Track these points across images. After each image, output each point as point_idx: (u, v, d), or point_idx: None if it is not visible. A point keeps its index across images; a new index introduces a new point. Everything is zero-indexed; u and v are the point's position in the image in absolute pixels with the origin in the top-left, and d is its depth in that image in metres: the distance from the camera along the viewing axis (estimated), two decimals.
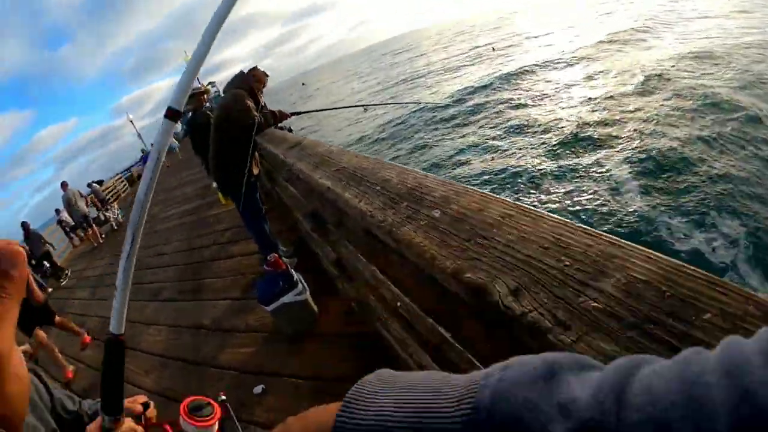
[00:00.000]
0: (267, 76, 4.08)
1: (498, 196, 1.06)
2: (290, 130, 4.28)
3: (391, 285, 1.50)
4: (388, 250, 1.17)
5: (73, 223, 13.64)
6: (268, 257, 3.20)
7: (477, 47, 39.65)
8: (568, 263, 0.79)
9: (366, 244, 1.36)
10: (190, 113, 5.19)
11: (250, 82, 3.95)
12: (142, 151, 15.48)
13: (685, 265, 0.70)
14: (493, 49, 34.28)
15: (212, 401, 1.00)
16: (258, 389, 2.83)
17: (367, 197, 1.35)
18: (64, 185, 13.09)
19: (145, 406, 1.02)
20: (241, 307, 4.06)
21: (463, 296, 0.89)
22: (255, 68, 4.05)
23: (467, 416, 0.33)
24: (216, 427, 0.97)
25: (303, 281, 3.26)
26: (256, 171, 4.05)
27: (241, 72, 4.03)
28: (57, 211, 13.98)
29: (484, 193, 1.09)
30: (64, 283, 10.60)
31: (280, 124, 4.13)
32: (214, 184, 4.22)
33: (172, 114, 0.73)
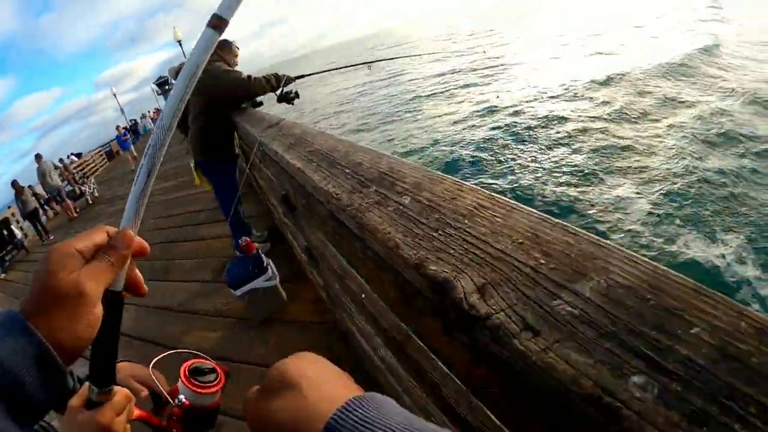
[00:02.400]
0: (238, 49, 3.99)
1: (472, 185, 0.97)
2: (297, 95, 4.14)
3: (356, 274, 1.43)
4: (353, 237, 1.08)
5: (47, 196, 13.39)
6: (240, 241, 3.12)
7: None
8: (543, 261, 0.71)
9: (333, 230, 1.28)
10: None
11: (227, 56, 3.84)
12: (117, 128, 14.92)
13: (671, 271, 0.61)
14: (485, 52, 34.67)
15: (217, 366, 0.90)
16: None
17: (336, 180, 1.26)
18: (38, 157, 12.93)
19: None
20: (210, 290, 4.00)
21: (424, 290, 0.81)
22: (226, 41, 3.93)
23: None
24: (219, 395, 0.86)
25: (273, 267, 3.21)
26: (237, 150, 3.95)
27: (219, 42, 3.90)
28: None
29: (458, 181, 1.01)
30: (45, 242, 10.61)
31: (286, 89, 4.00)
32: (191, 163, 4.08)
33: (218, 23, 0.61)
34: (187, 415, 0.81)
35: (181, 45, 22.04)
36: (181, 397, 0.82)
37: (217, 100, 3.58)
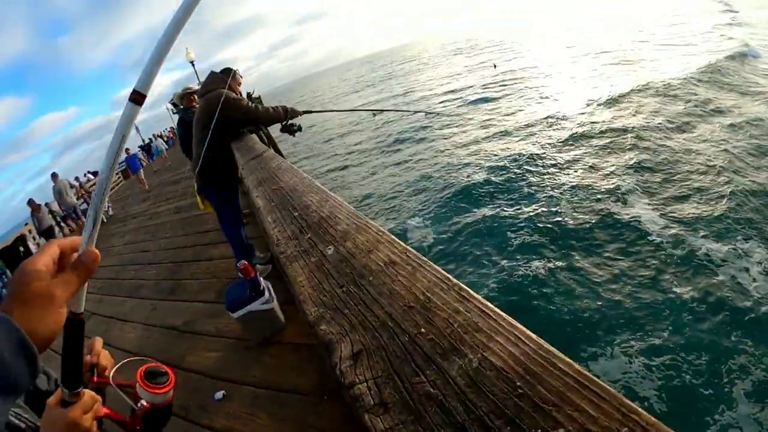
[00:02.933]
0: (242, 77, 4.08)
1: (394, 237, 0.95)
2: (300, 128, 4.23)
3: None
4: (287, 282, 1.07)
5: (63, 214, 13.70)
6: (238, 264, 3.14)
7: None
8: (423, 330, 0.68)
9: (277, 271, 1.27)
10: (181, 113, 5.22)
11: (233, 84, 3.92)
12: (127, 151, 14.89)
13: (560, 355, 0.56)
14: (494, 66, 35.35)
15: (169, 370, 0.99)
16: (219, 395, 2.83)
17: (283, 224, 1.27)
18: (54, 176, 13.23)
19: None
20: (213, 311, 4.03)
21: (319, 348, 0.79)
22: (230, 69, 4.01)
23: None
24: (171, 394, 0.96)
25: (271, 290, 3.22)
26: (239, 173, 4.00)
27: (214, 72, 3.98)
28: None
29: (380, 230, 0.99)
30: None
31: (291, 121, 4.09)
32: (195, 186, 4.17)
33: (136, 97, 0.71)
34: (147, 413, 0.92)
35: (193, 65, 22.65)
36: (143, 401, 0.91)
37: (222, 127, 3.65)
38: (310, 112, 4.40)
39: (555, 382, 0.53)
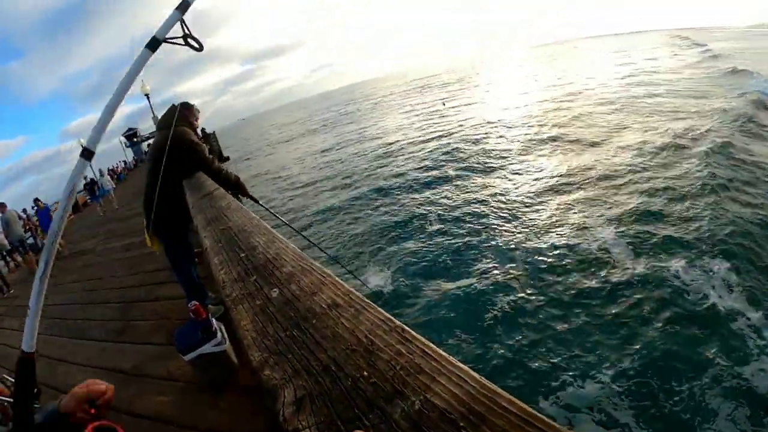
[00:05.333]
0: (198, 112, 4.03)
1: (337, 279, 0.96)
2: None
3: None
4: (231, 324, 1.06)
5: (9, 247, 13.02)
6: (190, 304, 3.06)
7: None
8: (366, 373, 0.68)
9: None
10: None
11: (192, 119, 3.87)
12: (38, 202, 13.93)
13: (503, 394, 0.58)
14: (444, 104, 36.87)
15: (119, 427, 0.96)
16: None
17: (229, 266, 1.26)
18: (2, 206, 12.50)
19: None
20: (163, 353, 3.89)
21: (263, 394, 0.78)
22: (188, 103, 3.96)
23: None
24: None
25: (224, 331, 3.14)
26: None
27: (174, 106, 3.91)
28: None
29: (324, 272, 1.00)
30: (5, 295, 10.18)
31: (238, 195, 4.05)
32: (144, 222, 4.04)
33: (87, 154, 0.84)
34: None
35: (148, 98, 22.41)
36: None
37: (174, 166, 3.57)
38: (257, 202, 4.41)
39: (499, 421, 0.53)
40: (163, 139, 3.68)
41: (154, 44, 1.01)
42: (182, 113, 3.81)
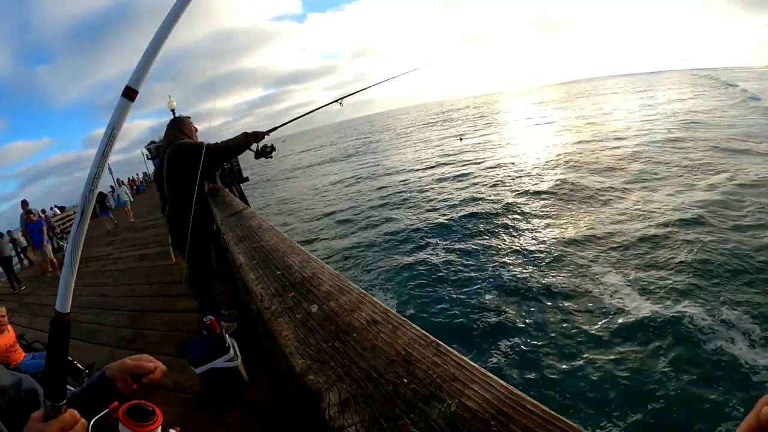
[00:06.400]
0: (193, 124, 4.15)
1: (374, 298, 1.04)
2: (273, 148, 4.17)
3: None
4: (269, 337, 1.13)
5: (24, 244, 13.07)
6: (204, 319, 3.11)
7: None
8: (406, 380, 0.76)
9: (261, 324, 1.33)
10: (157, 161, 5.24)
11: (185, 130, 3.95)
12: (27, 212, 13.55)
13: (528, 398, 0.66)
14: (461, 139, 37.38)
15: (156, 408, 0.92)
16: None
17: (266, 281, 1.33)
18: (24, 204, 12.63)
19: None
20: (173, 365, 3.87)
21: (301, 398, 0.85)
22: (178, 118, 4.06)
23: None
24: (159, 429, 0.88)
25: (236, 348, 3.18)
26: (215, 226, 3.97)
27: (169, 126, 4.02)
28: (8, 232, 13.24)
29: (362, 292, 1.08)
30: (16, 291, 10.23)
31: (260, 146, 4.02)
32: (169, 239, 4.13)
33: (128, 93, 0.75)
34: None
35: (174, 114, 22.50)
36: None
37: (186, 177, 3.62)
38: (274, 128, 4.41)
39: (524, 421, 0.61)
40: (168, 158, 3.80)
41: None
42: (176, 130, 3.92)
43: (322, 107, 5.10)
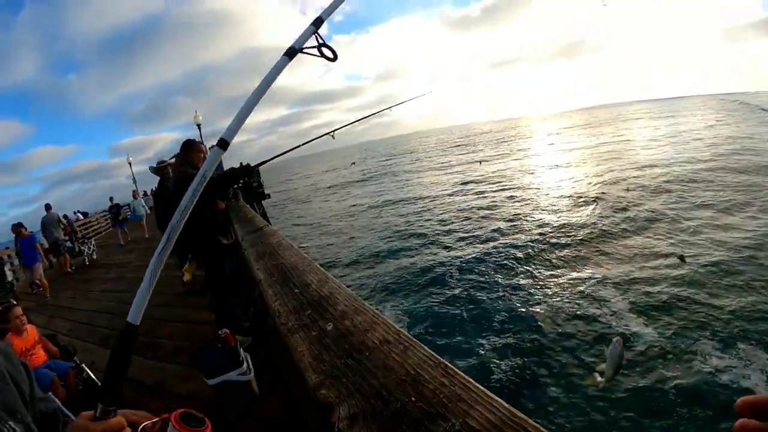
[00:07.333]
0: (202, 143, 4.34)
1: (387, 319, 1.08)
2: (261, 186, 4.43)
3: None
4: (284, 352, 1.18)
5: (46, 246, 13.26)
6: (220, 332, 3.17)
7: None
8: (414, 399, 0.79)
9: (276, 339, 1.37)
10: (156, 186, 5.46)
11: (191, 156, 4.14)
12: (18, 230, 12.94)
13: (529, 421, 0.69)
14: (480, 163, 37.53)
15: (205, 417, 0.96)
16: None
17: (284, 298, 1.38)
18: (47, 207, 13.09)
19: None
20: (185, 374, 3.99)
21: (311, 411, 0.89)
22: (188, 143, 4.28)
23: None
24: None
25: (249, 362, 3.23)
26: (226, 241, 4.09)
27: (185, 144, 4.24)
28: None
29: (376, 314, 1.12)
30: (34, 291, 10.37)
31: (250, 180, 4.27)
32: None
33: (222, 143, 0.93)
34: None
35: (199, 128, 22.78)
36: None
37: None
38: (263, 162, 4.62)
39: None
40: (173, 187, 4.07)
41: (291, 53, 1.11)
42: (182, 160, 4.17)
43: (312, 140, 5.38)
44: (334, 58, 1.23)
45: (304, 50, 1.18)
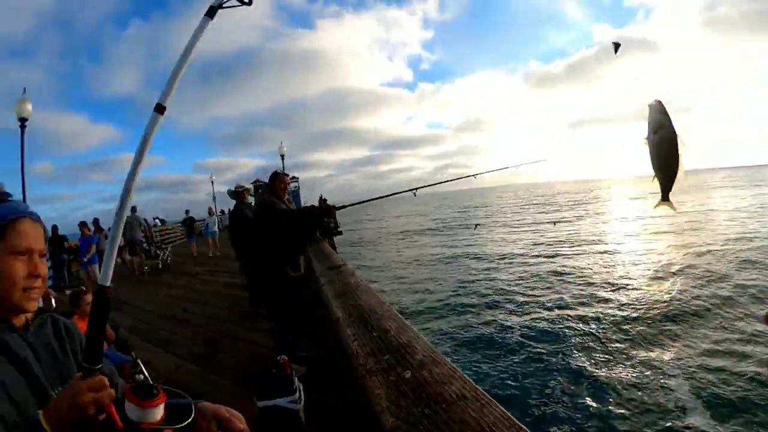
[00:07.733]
0: (287, 176, 4.59)
1: (464, 374, 1.12)
2: (337, 225, 4.68)
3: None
4: (360, 392, 1.23)
5: (122, 244, 13.50)
6: (279, 357, 3.24)
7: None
8: None
9: (350, 379, 1.43)
10: (233, 206, 5.82)
11: (275, 186, 4.45)
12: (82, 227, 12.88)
13: None
14: (554, 224, 36.43)
15: (158, 386, 0.99)
16: None
17: (363, 339, 1.44)
18: (133, 209, 13.60)
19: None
20: (233, 391, 4.06)
21: None
22: (274, 175, 4.55)
23: None
24: (162, 408, 0.96)
25: (301, 391, 3.23)
26: (294, 273, 4.23)
27: (273, 176, 4.55)
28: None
29: (454, 368, 1.16)
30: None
31: (328, 221, 4.56)
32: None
33: (159, 108, 0.99)
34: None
35: (282, 159, 23.27)
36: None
37: (266, 227, 4.13)
38: (344, 206, 4.84)
39: None
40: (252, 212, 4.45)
41: (211, 12, 1.22)
42: (266, 184, 4.60)
43: (396, 194, 5.53)
44: (250, 2, 1.30)
45: (223, 5, 1.24)
